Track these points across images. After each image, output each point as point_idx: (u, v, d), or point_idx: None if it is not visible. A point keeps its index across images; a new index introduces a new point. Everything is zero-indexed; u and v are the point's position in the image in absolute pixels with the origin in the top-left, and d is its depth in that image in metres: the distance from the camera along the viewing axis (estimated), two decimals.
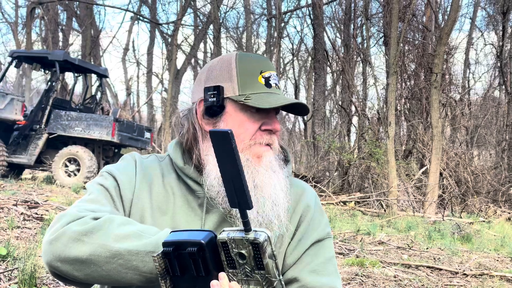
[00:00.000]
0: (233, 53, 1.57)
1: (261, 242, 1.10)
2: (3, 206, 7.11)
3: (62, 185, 12.26)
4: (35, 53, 14.05)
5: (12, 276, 4.29)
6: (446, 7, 22.13)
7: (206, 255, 1.15)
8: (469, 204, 15.62)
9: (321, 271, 1.58)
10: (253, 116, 1.51)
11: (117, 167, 1.60)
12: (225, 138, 1.05)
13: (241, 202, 1.08)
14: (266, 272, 1.13)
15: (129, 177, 1.57)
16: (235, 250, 1.12)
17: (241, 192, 1.07)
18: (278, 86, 1.56)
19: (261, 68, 1.53)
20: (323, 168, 17.76)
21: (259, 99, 1.49)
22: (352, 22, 22.09)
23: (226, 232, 1.13)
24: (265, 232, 1.11)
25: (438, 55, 14.42)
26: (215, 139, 1.07)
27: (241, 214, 1.10)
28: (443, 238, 8.85)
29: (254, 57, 1.57)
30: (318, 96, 18.90)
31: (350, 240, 7.82)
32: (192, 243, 1.15)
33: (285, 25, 27.46)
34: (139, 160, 1.64)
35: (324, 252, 1.62)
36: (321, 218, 1.67)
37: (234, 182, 1.07)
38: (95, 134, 12.89)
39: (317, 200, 1.70)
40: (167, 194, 1.57)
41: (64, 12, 28.68)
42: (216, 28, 22.59)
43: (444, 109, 18.36)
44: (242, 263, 1.13)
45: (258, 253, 1.11)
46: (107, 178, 1.57)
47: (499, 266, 6.89)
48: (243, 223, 1.10)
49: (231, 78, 1.52)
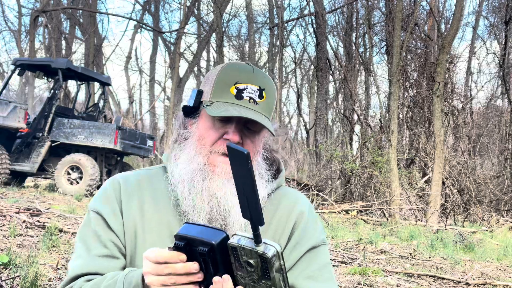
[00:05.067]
0: (227, 62, 1.60)
1: (269, 258, 1.10)
2: (6, 213, 7.12)
3: (64, 193, 12.26)
4: (38, 61, 14.09)
5: (14, 284, 4.28)
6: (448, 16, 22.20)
7: (217, 256, 1.16)
8: (471, 213, 15.59)
9: (317, 277, 1.59)
10: (216, 123, 1.53)
11: (100, 200, 1.61)
12: (242, 158, 1.06)
13: (253, 217, 1.09)
14: (272, 284, 1.14)
15: (113, 207, 1.58)
16: (244, 257, 1.13)
17: (255, 209, 1.08)
18: (254, 100, 1.52)
19: (237, 79, 1.53)
20: (326, 176, 17.73)
21: (218, 107, 1.49)
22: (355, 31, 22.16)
23: (238, 238, 1.14)
24: (274, 247, 1.11)
25: (440, 64, 14.44)
26: (231, 155, 1.08)
27: (252, 227, 1.10)
28: (446, 247, 8.82)
29: (241, 68, 1.56)
30: (321, 104, 18.91)
31: (352, 249, 7.80)
32: (203, 243, 1.16)
33: (288, 34, 27.53)
34: (123, 182, 1.63)
35: (320, 258, 1.62)
36: (315, 225, 1.67)
37: (247, 197, 1.09)
38: (97, 142, 12.89)
39: (311, 208, 1.71)
40: (158, 208, 1.58)
41: (67, 20, 28.82)
42: (219, 36, 22.66)
43: (447, 118, 18.35)
44: (251, 270, 1.14)
45: (266, 266, 1.12)
46: (92, 219, 1.58)
47: (501, 275, 6.87)
48: (254, 236, 1.11)
49: (209, 84, 1.55)
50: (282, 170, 1.70)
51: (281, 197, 1.67)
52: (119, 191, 1.60)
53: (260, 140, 1.59)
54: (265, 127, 1.50)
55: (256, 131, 1.56)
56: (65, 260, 5.13)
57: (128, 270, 1.39)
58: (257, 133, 1.56)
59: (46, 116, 13.15)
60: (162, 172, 1.66)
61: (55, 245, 5.72)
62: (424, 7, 19.56)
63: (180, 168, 1.55)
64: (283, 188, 1.70)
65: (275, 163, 1.68)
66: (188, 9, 24.70)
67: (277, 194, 1.66)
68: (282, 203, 1.65)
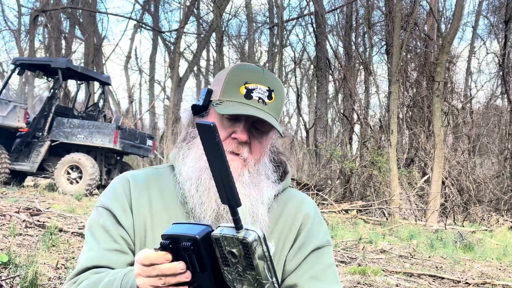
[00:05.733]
0: (237, 63, 1.61)
1: (249, 242, 1.05)
2: (5, 213, 7.12)
3: (64, 193, 12.26)
4: (38, 61, 14.09)
5: (14, 283, 4.28)
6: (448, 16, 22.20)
7: (201, 251, 1.11)
8: (471, 212, 15.59)
9: (321, 278, 1.59)
10: (225, 122, 1.54)
11: (109, 197, 1.61)
12: (209, 131, 1.02)
13: (230, 198, 1.04)
14: (256, 274, 1.08)
15: (122, 204, 1.58)
16: (227, 248, 1.08)
17: (229, 188, 1.04)
18: (263, 100, 1.53)
19: (247, 79, 1.54)
20: (325, 176, 17.73)
21: (228, 106, 1.50)
22: (354, 31, 22.16)
23: (220, 228, 1.09)
24: (256, 232, 1.06)
25: (440, 63, 14.44)
26: (200, 131, 1.04)
27: (231, 211, 1.06)
28: (445, 246, 8.82)
29: (251, 68, 1.58)
30: (320, 104, 18.91)
31: (352, 249, 7.80)
32: (187, 238, 1.11)
33: (288, 34, 27.54)
34: (133, 179, 1.63)
35: (324, 259, 1.63)
36: (321, 226, 1.68)
37: (221, 177, 1.04)
38: (97, 141, 12.90)
39: (317, 209, 1.72)
40: (167, 206, 1.59)
41: (67, 20, 28.79)
42: (219, 36, 22.66)
43: (446, 117, 18.34)
44: (235, 262, 1.09)
45: (248, 253, 1.06)
46: (102, 214, 1.58)
47: (501, 275, 6.87)
48: (234, 221, 1.06)
49: (219, 83, 1.57)
50: (289, 172, 1.71)
51: (287, 199, 1.67)
52: (128, 188, 1.61)
53: (267, 141, 1.60)
54: (274, 127, 1.51)
55: (264, 131, 1.57)
56: (65, 260, 5.14)
57: (128, 270, 1.39)
58: (265, 133, 1.57)
59: (46, 116, 13.16)
60: (170, 171, 1.66)
61: (55, 245, 5.72)
62: (424, 6, 19.57)
63: (188, 167, 1.56)
64: (289, 190, 1.71)
65: (281, 165, 1.69)
66: (188, 8, 24.70)
67: (283, 196, 1.67)
68: (288, 205, 1.66)
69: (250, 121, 1.53)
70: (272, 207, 1.59)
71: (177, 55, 24.05)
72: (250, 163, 1.55)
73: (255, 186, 1.54)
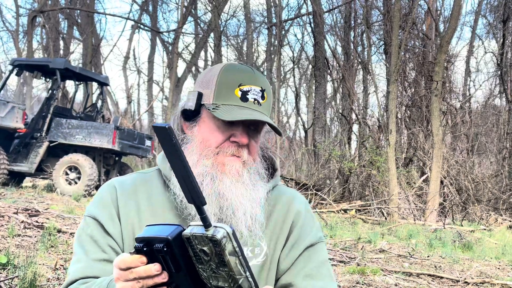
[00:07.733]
0: (224, 63, 1.59)
1: (218, 239, 1.05)
2: (4, 214, 7.11)
3: (62, 193, 12.25)
4: (36, 61, 14.08)
5: (13, 284, 4.28)
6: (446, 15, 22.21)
7: (174, 251, 1.12)
8: (470, 212, 15.60)
9: (315, 275, 1.59)
10: (222, 126, 1.52)
11: (96, 206, 1.60)
12: (165, 133, 1.03)
13: (195, 198, 1.06)
14: (229, 270, 1.09)
15: (110, 212, 1.57)
16: (198, 246, 1.09)
17: (192, 188, 1.05)
18: (258, 101, 1.53)
19: (241, 81, 1.52)
20: (324, 176, 17.74)
21: (227, 111, 1.49)
22: (353, 31, 22.17)
23: (191, 227, 1.10)
24: (224, 228, 1.07)
25: (438, 63, 14.46)
26: (157, 134, 1.04)
27: (197, 210, 1.07)
28: (444, 246, 8.83)
29: (242, 69, 1.56)
30: (319, 104, 18.92)
31: (351, 248, 7.81)
32: (159, 240, 1.12)
33: (286, 33, 27.52)
34: (119, 186, 1.62)
35: (317, 256, 1.63)
36: (312, 223, 1.68)
37: (184, 178, 1.05)
38: (96, 142, 12.88)
39: (307, 206, 1.71)
40: (155, 211, 1.58)
41: (65, 20, 28.79)
42: (217, 36, 22.66)
43: (445, 117, 18.36)
44: (207, 259, 1.10)
45: (219, 250, 1.07)
46: (89, 224, 1.57)
47: (500, 274, 6.88)
48: (201, 219, 1.07)
49: (210, 86, 1.54)
50: (278, 169, 1.71)
51: (277, 196, 1.67)
52: (115, 196, 1.59)
53: (259, 139, 1.60)
54: (276, 128, 1.52)
55: (258, 131, 1.57)
56: (64, 260, 5.13)
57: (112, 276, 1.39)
58: (258, 133, 1.58)
59: (44, 116, 13.14)
60: (157, 174, 1.65)
61: (54, 246, 5.72)
62: (422, 6, 19.59)
63: None
64: (279, 187, 1.70)
65: (269, 160, 1.69)
66: (186, 9, 24.68)
67: (274, 193, 1.66)
68: (279, 203, 1.65)
69: (247, 123, 1.53)
70: (263, 206, 1.59)
71: (175, 56, 24.05)
72: (249, 163, 1.55)
73: (254, 186, 1.53)
